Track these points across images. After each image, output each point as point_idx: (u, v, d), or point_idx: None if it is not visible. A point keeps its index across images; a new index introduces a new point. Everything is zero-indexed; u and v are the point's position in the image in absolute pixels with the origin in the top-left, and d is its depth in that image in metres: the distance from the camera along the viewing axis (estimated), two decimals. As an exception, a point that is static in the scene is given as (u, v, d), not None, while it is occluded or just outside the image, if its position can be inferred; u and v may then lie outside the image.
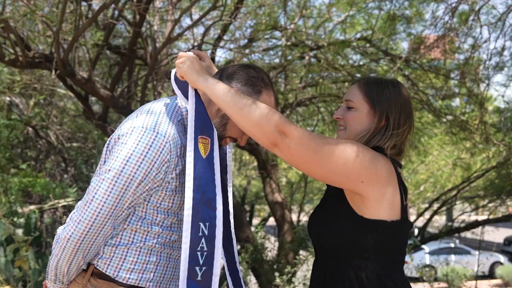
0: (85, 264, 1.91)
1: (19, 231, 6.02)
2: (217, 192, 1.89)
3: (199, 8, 7.72)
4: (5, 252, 5.03)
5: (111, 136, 1.91)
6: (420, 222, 12.95)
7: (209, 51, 7.12)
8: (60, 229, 1.89)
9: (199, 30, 7.31)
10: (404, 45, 9.57)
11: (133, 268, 1.90)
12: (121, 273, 1.89)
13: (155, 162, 1.82)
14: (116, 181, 1.80)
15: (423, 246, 15.95)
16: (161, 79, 6.23)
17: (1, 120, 7.60)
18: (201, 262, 1.83)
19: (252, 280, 7.55)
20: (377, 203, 1.85)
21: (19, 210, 7.37)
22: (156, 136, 1.83)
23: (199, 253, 1.83)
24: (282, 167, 11.55)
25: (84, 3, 5.82)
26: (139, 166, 1.80)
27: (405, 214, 1.91)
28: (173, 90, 4.27)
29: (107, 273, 1.89)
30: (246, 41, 7.54)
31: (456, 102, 9.74)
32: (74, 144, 10.67)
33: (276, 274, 4.70)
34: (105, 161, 1.89)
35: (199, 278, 1.82)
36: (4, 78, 7.38)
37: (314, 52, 7.43)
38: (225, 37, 7.22)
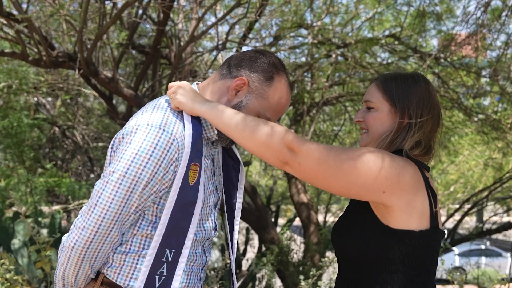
0: (94, 273, 1.81)
1: (44, 231, 6.00)
2: (192, 221, 1.80)
3: (224, 6, 7.64)
4: (28, 252, 5.01)
5: (115, 136, 1.80)
6: (450, 224, 12.68)
7: (234, 50, 7.04)
8: (64, 237, 1.78)
9: (223, 28, 7.25)
10: (434, 43, 9.37)
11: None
12: (132, 282, 1.78)
13: (162, 162, 1.70)
14: (121, 183, 1.69)
15: (453, 248, 15.67)
16: (185, 77, 6.16)
17: (25, 119, 7.63)
18: (156, 285, 1.77)
19: (277, 283, 7.45)
20: (403, 213, 1.71)
21: (44, 210, 7.37)
22: (162, 134, 1.71)
23: (157, 277, 1.77)
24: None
25: (108, 2, 5.79)
26: (145, 166, 1.69)
27: (435, 222, 1.76)
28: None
29: (117, 283, 1.78)
30: (271, 39, 7.44)
31: (488, 100, 9.49)
32: (100, 144, 10.70)
33: (301, 277, 4.58)
34: (110, 163, 1.78)
35: None
36: (29, 78, 7.41)
37: (341, 50, 7.30)
38: (250, 35, 7.13)
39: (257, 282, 7.10)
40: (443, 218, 13.53)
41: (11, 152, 8.23)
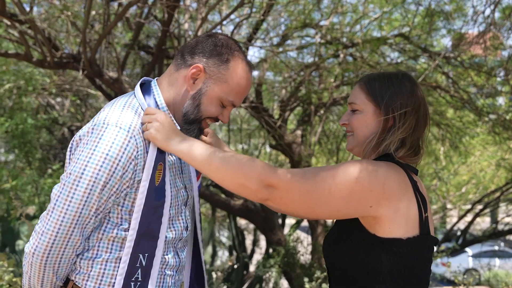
0: (61, 280, 1.76)
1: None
2: (163, 221, 1.75)
3: (231, 7, 7.60)
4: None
5: (73, 138, 1.76)
6: (462, 225, 12.57)
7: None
8: (27, 244, 1.74)
9: (230, 28, 7.20)
10: (444, 42, 9.26)
11: (114, 282, 1.74)
12: None
13: (120, 160, 1.65)
14: (77, 185, 1.64)
15: (466, 249, 15.52)
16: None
17: (29, 120, 7.64)
18: None
19: (284, 284, 7.40)
20: (390, 221, 1.65)
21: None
22: (119, 132, 1.66)
23: (132, 283, 1.72)
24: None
25: (113, 3, 5.77)
26: (101, 166, 1.63)
27: (425, 228, 1.69)
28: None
29: None
30: (278, 39, 7.39)
31: (500, 100, 9.36)
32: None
33: (306, 279, 4.54)
34: (69, 165, 1.73)
35: None
36: (36, 79, 7.42)
37: (349, 50, 7.22)
38: (259, 35, 7.08)
39: (264, 284, 7.06)
40: (454, 219, 13.41)
41: (17, 153, 8.27)
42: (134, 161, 1.68)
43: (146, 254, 1.73)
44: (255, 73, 8.29)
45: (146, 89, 1.85)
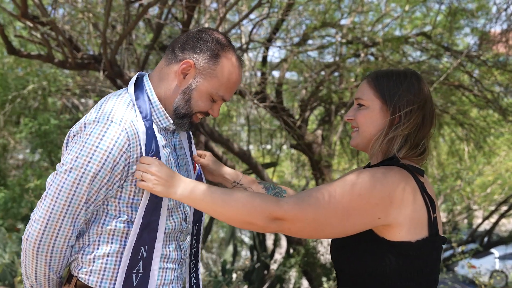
0: (55, 273, 1.80)
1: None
2: (161, 213, 1.79)
3: (251, 8, 7.62)
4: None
5: (68, 133, 1.81)
6: (487, 226, 12.40)
7: (261, 50, 7.01)
8: None
9: (249, 28, 7.22)
10: (468, 41, 9.13)
11: (117, 276, 1.77)
12: (104, 283, 1.77)
13: (110, 152, 1.68)
14: (68, 175, 1.68)
15: (493, 250, 15.29)
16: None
17: (52, 120, 7.76)
18: (134, 283, 1.76)
19: (304, 284, 7.39)
20: (400, 226, 1.65)
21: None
22: (110, 125, 1.70)
23: (134, 275, 1.76)
24: (335, 168, 11.32)
25: (134, 4, 5.83)
26: (91, 157, 1.68)
27: (434, 229, 1.68)
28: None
29: (89, 285, 1.78)
30: (298, 39, 7.38)
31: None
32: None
33: (324, 279, 4.52)
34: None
35: None
36: (60, 80, 7.53)
37: (370, 49, 7.18)
38: (279, 35, 7.08)
39: (284, 284, 7.06)
40: (479, 220, 13.22)
41: (41, 153, 8.39)
42: (126, 154, 1.71)
43: (147, 246, 1.77)
44: (275, 73, 8.29)
45: (139, 84, 1.88)
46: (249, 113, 7.96)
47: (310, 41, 7.75)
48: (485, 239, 10.67)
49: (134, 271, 1.76)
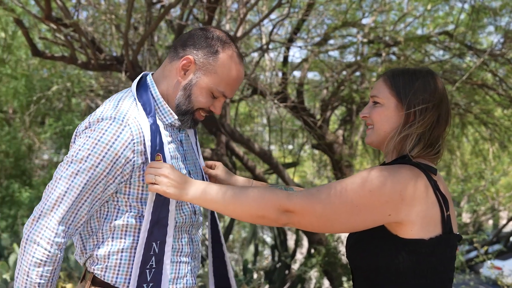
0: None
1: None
2: (170, 209, 1.82)
3: (271, 8, 7.63)
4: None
5: (74, 132, 1.87)
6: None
7: (282, 50, 7.02)
8: None
9: (269, 29, 7.24)
10: (492, 39, 9.01)
11: (131, 271, 1.81)
12: (119, 278, 1.82)
13: (111, 146, 1.73)
14: (69, 166, 1.74)
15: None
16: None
17: (76, 121, 7.86)
18: (148, 279, 1.79)
19: (325, 284, 7.38)
20: (412, 224, 1.65)
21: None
22: (113, 121, 1.75)
23: (147, 271, 1.79)
24: (357, 168, 11.27)
25: (156, 6, 5.88)
26: (92, 150, 1.72)
27: (447, 227, 1.68)
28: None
29: (105, 280, 1.82)
30: (319, 39, 7.37)
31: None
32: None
33: (344, 278, 4.52)
34: None
35: None
36: (84, 81, 7.62)
37: (392, 48, 7.14)
38: (301, 35, 7.08)
39: (305, 284, 7.06)
40: (503, 221, 13.04)
41: (65, 153, 8.50)
42: (131, 148, 1.75)
43: (158, 242, 1.81)
44: (296, 73, 8.29)
45: (143, 83, 1.93)
46: (270, 113, 7.98)
47: (331, 41, 7.74)
48: (510, 240, 10.52)
49: (148, 266, 1.80)
